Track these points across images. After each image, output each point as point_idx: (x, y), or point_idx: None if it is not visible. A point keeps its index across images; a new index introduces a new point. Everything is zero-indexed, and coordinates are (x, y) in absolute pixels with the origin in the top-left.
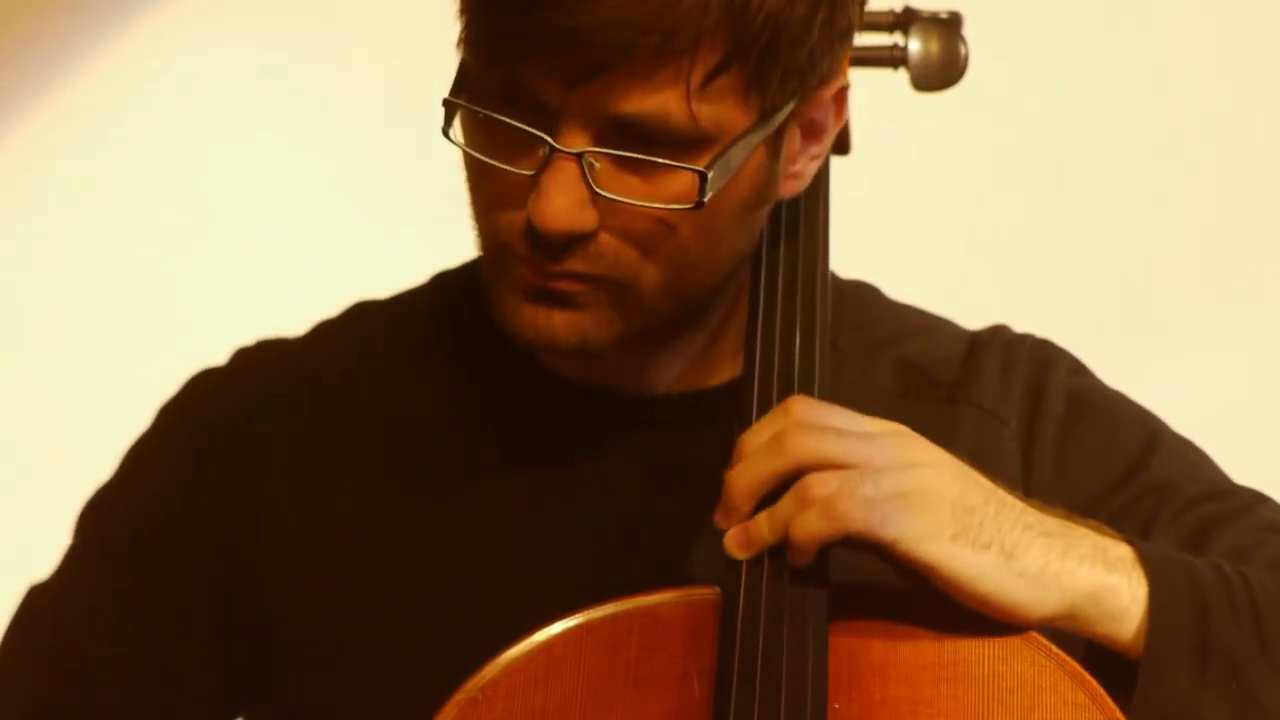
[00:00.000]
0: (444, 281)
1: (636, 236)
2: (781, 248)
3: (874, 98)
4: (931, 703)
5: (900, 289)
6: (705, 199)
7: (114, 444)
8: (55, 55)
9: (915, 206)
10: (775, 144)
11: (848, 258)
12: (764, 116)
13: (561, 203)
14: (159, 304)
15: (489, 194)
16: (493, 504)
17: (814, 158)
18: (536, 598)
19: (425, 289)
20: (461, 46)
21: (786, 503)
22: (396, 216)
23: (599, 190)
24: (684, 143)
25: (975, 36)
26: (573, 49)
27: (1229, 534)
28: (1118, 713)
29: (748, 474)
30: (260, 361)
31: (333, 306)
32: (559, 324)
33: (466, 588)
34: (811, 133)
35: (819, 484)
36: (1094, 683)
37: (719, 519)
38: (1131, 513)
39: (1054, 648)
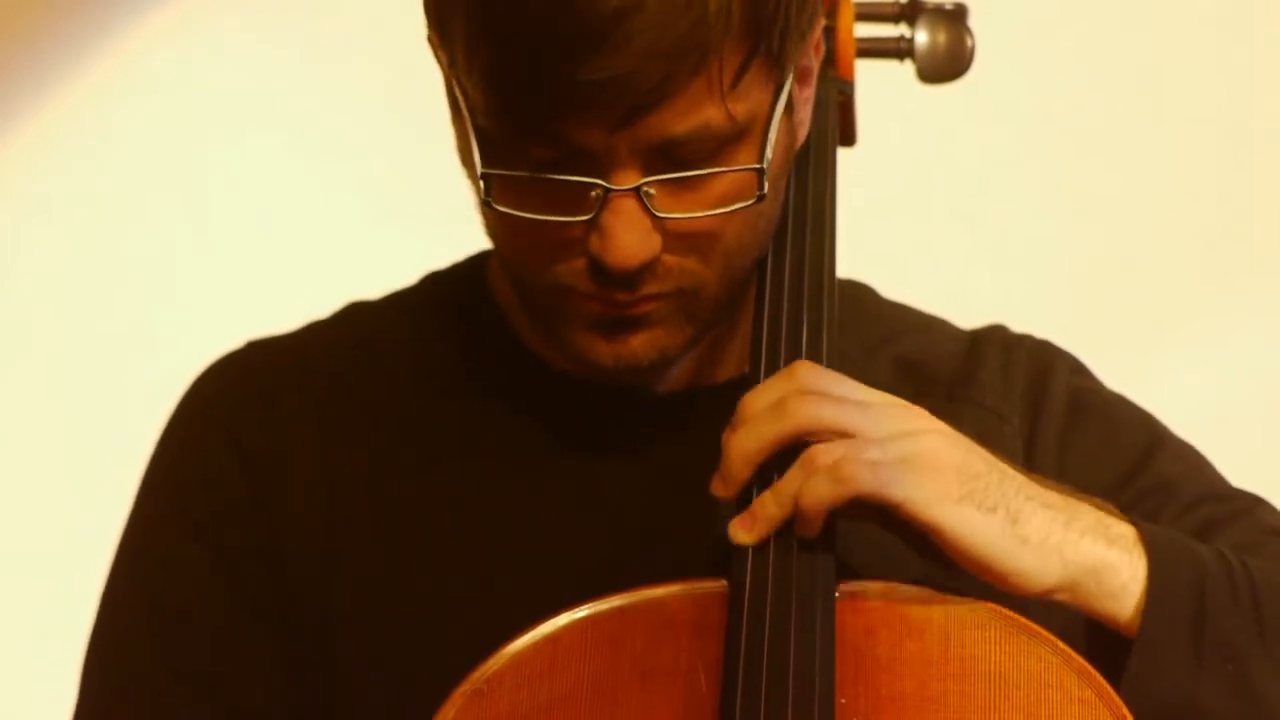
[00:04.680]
0: (436, 281)
1: (697, 243)
2: (789, 241)
3: (880, 89)
4: (938, 698)
5: (902, 281)
6: (766, 190)
7: (113, 444)
8: (55, 55)
9: (919, 198)
10: (789, 106)
11: (851, 249)
12: (780, 87)
13: (630, 239)
14: (158, 304)
15: (539, 248)
16: (500, 502)
17: (808, 100)
18: (543, 594)
19: (418, 289)
20: (478, 117)
21: (793, 475)
22: (396, 216)
23: (660, 215)
24: (725, 142)
25: (981, 28)
26: (613, 97)
27: (1230, 535)
28: (1124, 709)
29: (749, 438)
30: (257, 364)
31: (332, 306)
32: (638, 346)
33: (477, 585)
34: (804, 78)
35: (824, 451)
36: (1100, 679)
37: (716, 486)
38: (1133, 511)
39: (1061, 643)
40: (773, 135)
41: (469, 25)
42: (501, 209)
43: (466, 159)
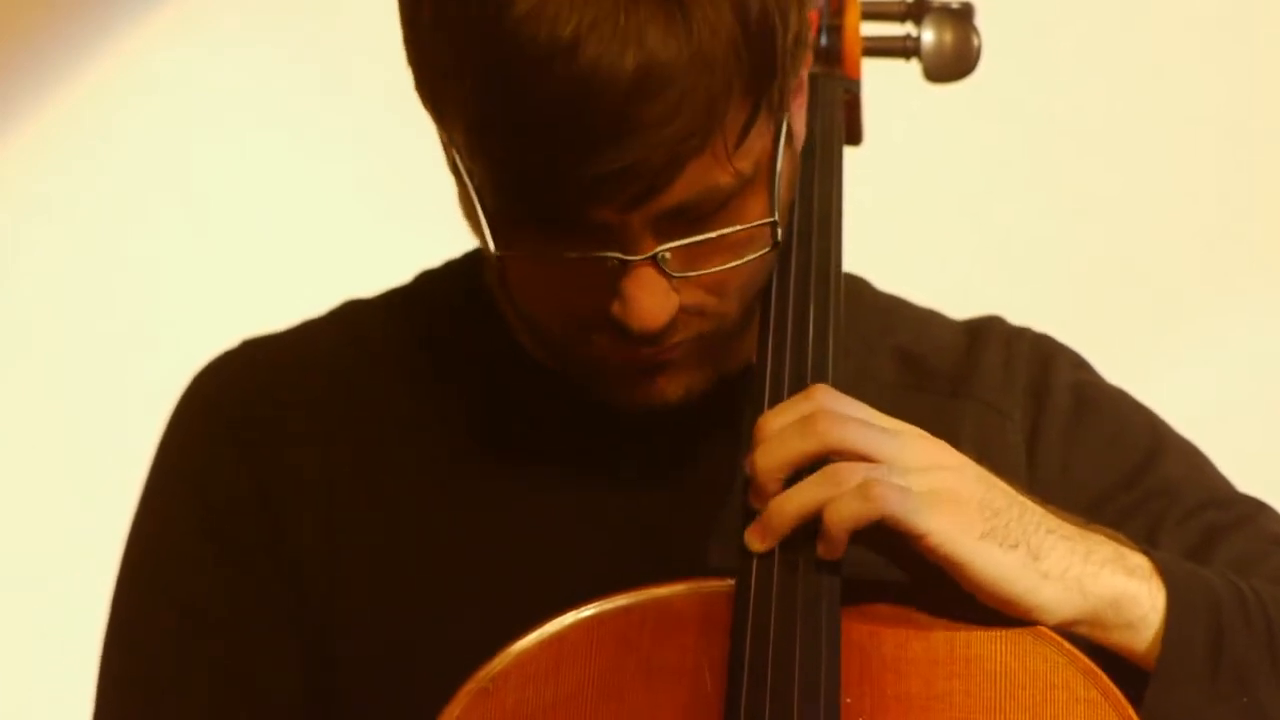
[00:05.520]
0: (430, 279)
1: (715, 289)
2: (795, 239)
3: (887, 89)
4: (943, 698)
5: (906, 279)
6: (780, 237)
7: (113, 444)
8: (55, 55)
9: (924, 197)
10: (789, 135)
11: (857, 247)
12: (779, 124)
13: (651, 303)
14: (158, 304)
15: (558, 311)
16: (501, 500)
17: (801, 107)
18: (547, 591)
19: (412, 288)
20: (485, 198)
21: (809, 486)
22: (396, 216)
23: (677, 274)
24: (734, 195)
25: (987, 28)
26: (623, 184)
27: (1235, 543)
28: (1129, 710)
29: (778, 452)
30: (254, 362)
31: (331, 306)
32: (665, 387)
33: (479, 583)
34: (798, 90)
35: (849, 471)
36: (1106, 679)
37: (753, 499)
38: (1136, 514)
39: (1067, 644)
40: (779, 176)
41: (468, 117)
42: (519, 283)
43: (469, 213)
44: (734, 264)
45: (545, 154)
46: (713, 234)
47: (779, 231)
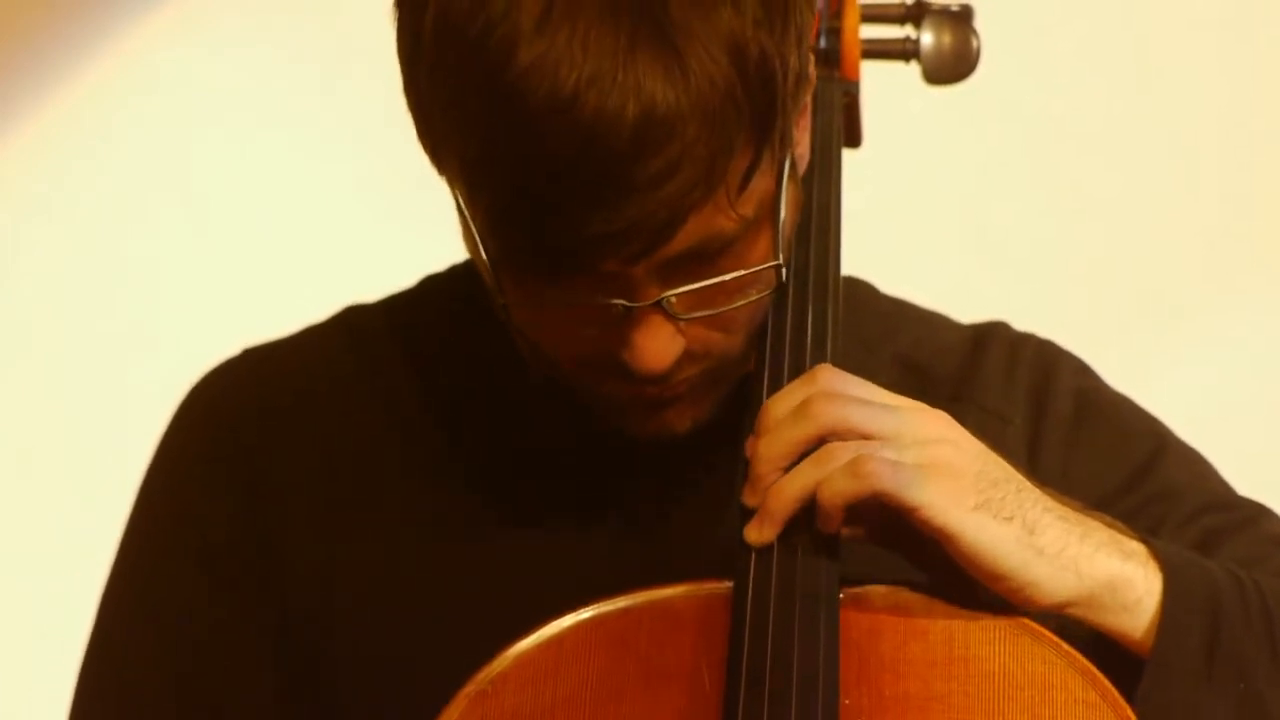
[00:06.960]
0: (433, 284)
1: (721, 327)
2: (794, 242)
3: (886, 91)
4: (942, 699)
5: (905, 281)
6: (785, 277)
7: (113, 444)
8: (55, 55)
9: (923, 199)
10: (793, 166)
11: (856, 249)
12: (782, 163)
13: (657, 347)
14: (158, 304)
15: (564, 350)
16: (501, 503)
17: (806, 129)
18: (546, 594)
19: (414, 292)
20: (488, 243)
21: (802, 469)
22: (396, 216)
23: (683, 318)
24: (738, 238)
25: (987, 30)
26: (628, 240)
27: (1236, 545)
28: (1128, 710)
29: (775, 443)
30: (253, 371)
31: (332, 307)
32: (673, 420)
33: (478, 587)
34: (801, 116)
35: (841, 449)
36: (1105, 680)
37: (746, 496)
38: (1137, 518)
39: (1065, 645)
40: (783, 212)
41: (469, 170)
42: (526, 325)
43: (475, 256)
44: (739, 304)
45: (547, 210)
46: (716, 279)
47: (784, 273)
